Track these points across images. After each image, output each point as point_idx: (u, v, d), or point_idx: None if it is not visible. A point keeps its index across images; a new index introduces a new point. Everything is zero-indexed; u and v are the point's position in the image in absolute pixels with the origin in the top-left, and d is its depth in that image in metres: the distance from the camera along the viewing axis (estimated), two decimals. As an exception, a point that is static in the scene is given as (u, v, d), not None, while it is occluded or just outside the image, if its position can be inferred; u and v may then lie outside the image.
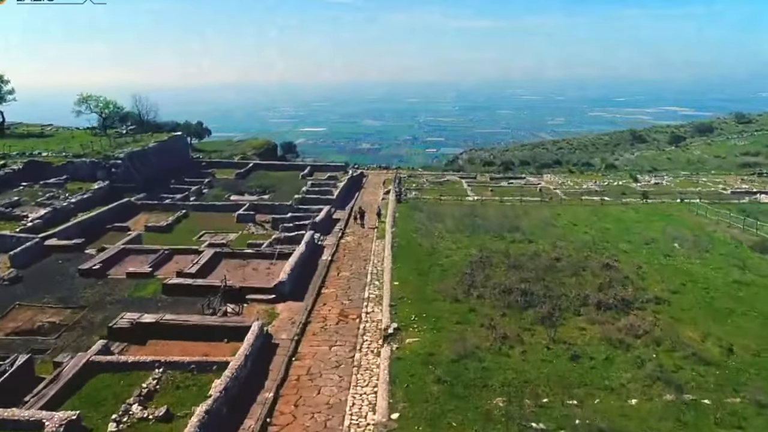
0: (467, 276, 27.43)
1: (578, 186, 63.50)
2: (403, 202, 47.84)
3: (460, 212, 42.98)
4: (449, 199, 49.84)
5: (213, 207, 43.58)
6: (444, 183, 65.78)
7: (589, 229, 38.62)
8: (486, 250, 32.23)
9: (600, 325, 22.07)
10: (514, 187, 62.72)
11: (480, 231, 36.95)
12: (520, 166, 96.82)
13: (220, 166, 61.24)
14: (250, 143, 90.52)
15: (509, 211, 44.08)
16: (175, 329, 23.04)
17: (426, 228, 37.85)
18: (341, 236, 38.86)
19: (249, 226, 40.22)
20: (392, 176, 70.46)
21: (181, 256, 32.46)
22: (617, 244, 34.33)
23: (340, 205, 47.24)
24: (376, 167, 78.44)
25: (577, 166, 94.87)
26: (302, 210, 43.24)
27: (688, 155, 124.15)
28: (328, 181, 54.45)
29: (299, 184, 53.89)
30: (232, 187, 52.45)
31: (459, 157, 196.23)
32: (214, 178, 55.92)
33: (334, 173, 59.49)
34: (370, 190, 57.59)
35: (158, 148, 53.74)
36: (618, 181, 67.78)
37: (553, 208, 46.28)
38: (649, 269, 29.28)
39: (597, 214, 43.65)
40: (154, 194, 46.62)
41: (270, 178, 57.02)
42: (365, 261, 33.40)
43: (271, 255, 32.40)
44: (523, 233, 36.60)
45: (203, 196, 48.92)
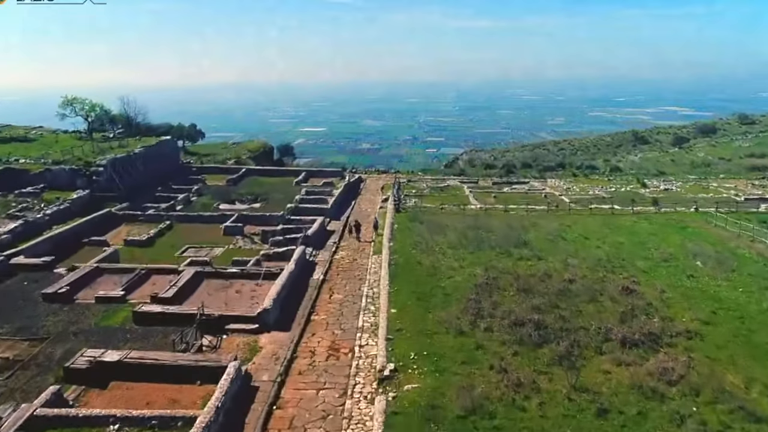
0: (472, 302, 24.44)
1: (585, 192, 60.52)
2: (402, 211, 44.86)
3: (463, 224, 39.97)
4: (451, 208, 46.84)
5: (199, 218, 40.58)
6: (445, 188, 62.80)
7: (602, 243, 35.61)
8: (492, 269, 29.24)
9: (627, 366, 19.09)
10: (518, 194, 59.75)
11: (485, 246, 33.95)
12: (522, 169, 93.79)
13: (212, 172, 58.25)
14: (246, 146, 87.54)
15: (515, 222, 41.08)
16: (141, 369, 20.08)
17: (426, 242, 34.87)
18: (335, 251, 35.87)
19: (236, 240, 37.22)
20: (391, 181, 67.56)
21: (158, 276, 29.47)
22: (634, 262, 31.33)
23: (336, 214, 44.26)
24: (375, 171, 75.45)
25: (581, 169, 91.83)
26: (294, 221, 40.25)
27: (692, 157, 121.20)
28: (323, 188, 51.44)
29: (293, 191, 50.89)
30: (222, 195, 49.45)
31: (459, 158, 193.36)
32: (204, 184, 52.93)
33: (331, 179, 56.47)
34: (368, 197, 54.61)
35: (145, 153, 50.69)
36: (626, 186, 64.78)
37: (561, 218, 43.26)
38: (673, 293, 26.28)
39: (608, 225, 40.64)
40: (138, 203, 43.62)
41: (263, 184, 54.02)
42: (360, 281, 30.40)
43: (257, 275, 29.42)
44: (531, 249, 33.60)
45: (191, 205, 45.93)
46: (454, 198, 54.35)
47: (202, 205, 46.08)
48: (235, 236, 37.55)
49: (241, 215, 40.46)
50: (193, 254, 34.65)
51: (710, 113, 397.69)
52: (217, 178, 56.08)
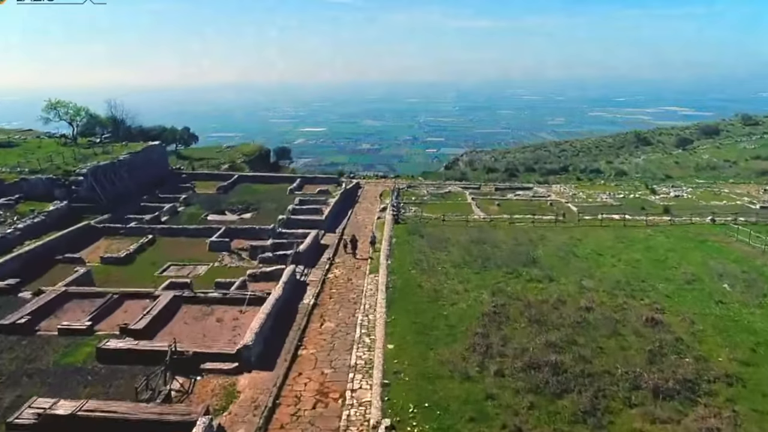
0: (480, 337, 21.55)
1: (592, 199, 57.60)
2: (401, 222, 41.94)
3: (467, 237, 37.07)
4: (453, 219, 43.90)
5: (184, 231, 37.64)
6: (446, 195, 59.91)
7: (617, 260, 32.68)
8: (500, 294, 26.33)
9: (663, 425, 16.19)
10: (522, 201, 56.84)
11: (491, 264, 31.03)
12: (524, 173, 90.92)
13: (202, 178, 55.35)
14: (241, 149, 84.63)
15: (522, 235, 38.16)
16: (97, 424, 17.20)
17: (427, 260, 31.96)
18: (329, 269, 32.94)
19: (222, 256, 34.28)
20: (390, 187, 64.65)
21: (132, 302, 26.55)
22: (654, 284, 28.40)
23: (331, 226, 41.32)
24: (374, 176, 72.52)
25: (585, 173, 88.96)
26: (286, 235, 37.31)
27: (697, 159, 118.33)
28: (318, 196, 48.49)
29: (287, 200, 47.97)
30: (211, 204, 46.50)
31: (459, 159, 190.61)
32: (193, 192, 50.02)
33: (326, 186, 53.53)
34: (365, 205, 51.66)
35: (130, 160, 47.75)
36: (634, 192, 61.87)
37: (570, 231, 40.33)
38: (703, 324, 23.36)
39: (622, 239, 37.71)
40: (120, 215, 40.70)
41: (255, 192, 51.09)
42: (355, 305, 27.48)
43: (241, 300, 26.50)
44: (541, 268, 30.68)
45: (177, 215, 43.00)
46: (455, 206, 51.45)
47: (189, 215, 43.16)
48: (222, 252, 34.59)
49: (229, 229, 37.51)
50: (174, 273, 31.76)
51: (710, 113, 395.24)
52: (207, 185, 53.15)
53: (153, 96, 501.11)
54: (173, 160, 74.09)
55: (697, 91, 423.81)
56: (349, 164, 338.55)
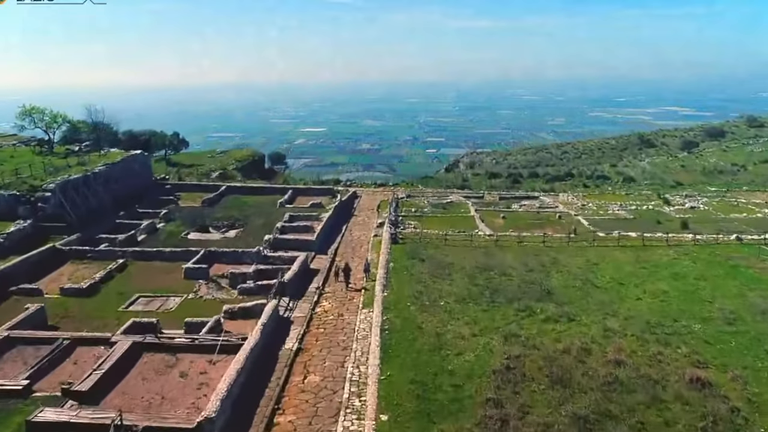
0: (492, 406, 17.60)
1: (603, 211, 53.59)
2: (400, 242, 37.93)
3: (472, 262, 33.10)
4: (456, 237, 39.91)
5: (159, 255, 33.65)
6: (447, 206, 55.91)
7: (642, 292, 28.69)
8: (513, 341, 22.35)
9: None
10: (529, 213, 52.85)
11: (500, 299, 27.04)
12: (528, 178, 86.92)
13: (188, 189, 51.39)
14: (233, 154, 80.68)
15: (532, 259, 34.16)
16: None
17: (428, 292, 27.99)
18: (317, 300, 28.98)
19: (199, 285, 30.30)
20: (389, 197, 60.73)
21: (85, 349, 22.63)
22: (690, 325, 24.42)
23: (322, 246, 37.34)
24: (372, 184, 68.59)
25: (592, 179, 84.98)
26: (272, 259, 33.37)
27: (703, 163, 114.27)
28: (310, 211, 44.47)
29: (276, 215, 43.99)
30: (194, 219, 42.55)
31: (460, 161, 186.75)
32: (176, 206, 46.09)
33: (320, 198, 49.51)
34: (362, 218, 47.69)
35: (107, 172, 43.76)
36: (646, 203, 57.81)
37: (585, 252, 36.31)
38: (759, 384, 19.37)
39: (643, 262, 33.69)
40: (91, 234, 36.76)
41: (243, 205, 47.11)
42: (345, 350, 23.52)
43: (212, 346, 22.56)
44: (557, 302, 26.71)
45: (156, 234, 39.04)
46: (458, 220, 47.49)
47: (168, 233, 39.20)
48: (198, 281, 30.62)
49: (208, 252, 33.51)
50: (142, 308, 27.83)
51: (711, 113, 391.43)
52: (193, 197, 49.20)
53: (154, 96, 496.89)
54: (162, 167, 70.21)
55: (698, 91, 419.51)
56: (349, 164, 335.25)
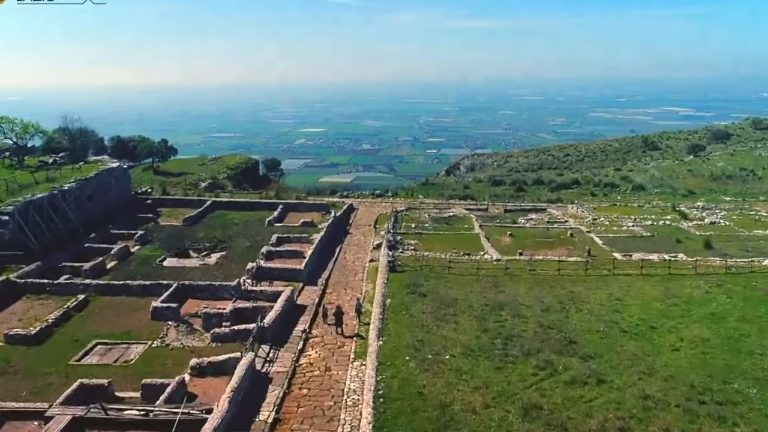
0: None
1: (617, 227, 49.43)
2: (398, 269, 33.70)
3: (480, 297, 28.92)
4: (460, 262, 35.73)
5: (126, 288, 29.44)
6: (450, 220, 51.80)
7: (679, 340, 24.45)
8: (534, 414, 18.18)
9: None
10: (537, 230, 48.68)
11: (514, 350, 22.85)
12: (533, 186, 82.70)
13: (171, 204, 47.19)
14: (226, 162, 76.42)
15: (548, 293, 29.96)
16: None
17: (430, 341, 23.79)
18: (302, 349, 24.81)
19: (168, 328, 26.12)
20: (387, 209, 56.62)
21: (15, 425, 18.49)
22: (744, 389, 20.22)
23: (312, 275, 33.12)
24: (369, 195, 64.39)
25: (599, 186, 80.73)
26: (253, 294, 29.18)
27: (711, 167, 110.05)
28: (301, 232, 40.19)
29: (263, 235, 39.80)
30: (174, 241, 38.42)
31: (461, 163, 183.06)
32: (155, 224, 41.93)
33: (312, 215, 45.28)
34: (357, 237, 43.49)
35: (79, 189, 39.55)
36: (661, 216, 53.61)
37: (606, 283, 32.06)
38: None
39: (674, 298, 29.45)
40: (54, 263, 32.57)
41: (228, 223, 42.91)
42: (331, 423, 19.34)
43: (168, 423, 18.39)
44: (582, 356, 22.52)
45: (128, 260, 34.83)
46: (462, 239, 43.35)
47: (142, 260, 34.99)
48: (168, 323, 26.46)
49: (182, 286, 29.31)
50: (98, 358, 23.66)
51: (711, 113, 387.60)
52: (175, 213, 45.02)
53: (154, 96, 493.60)
54: (148, 176, 66.06)
55: (698, 91, 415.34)
56: (349, 165, 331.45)
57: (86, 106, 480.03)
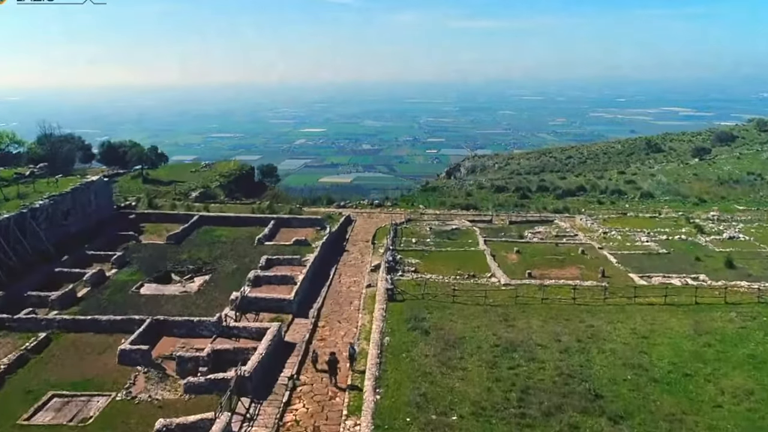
0: None
1: (630, 243, 46.09)
2: (397, 298, 30.36)
3: (489, 335, 25.59)
4: (466, 288, 32.40)
5: (94, 324, 26.08)
6: (453, 234, 48.52)
7: (719, 392, 21.07)
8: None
9: None
10: (546, 245, 45.32)
11: (531, 408, 19.51)
12: (537, 192, 79.42)
13: (156, 219, 43.87)
14: (219, 168, 73.16)
15: (564, 329, 26.59)
16: None
17: (434, 393, 20.49)
18: (288, 401, 21.52)
19: (137, 375, 22.81)
20: (387, 221, 53.40)
21: None
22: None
23: (302, 305, 29.80)
24: (368, 204, 61.03)
25: (606, 193, 77.42)
26: (235, 331, 25.87)
27: (717, 171, 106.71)
28: (293, 253, 36.78)
29: (252, 255, 36.46)
30: (155, 263, 35.12)
31: (461, 165, 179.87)
32: (136, 243, 38.60)
33: (306, 232, 41.96)
34: (354, 255, 40.18)
35: (53, 206, 36.21)
36: (677, 231, 50.18)
37: (628, 314, 28.67)
38: None
39: (705, 334, 26.08)
40: (18, 292, 29.27)
41: (216, 241, 39.57)
42: (317, 507, 16.10)
43: None
44: (611, 416, 19.18)
45: (102, 287, 31.51)
46: (466, 257, 40.06)
47: (117, 286, 31.66)
48: (137, 368, 23.14)
49: (156, 322, 25.98)
50: (53, 415, 20.38)
51: (711, 113, 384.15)
52: (159, 230, 41.71)
53: (155, 96, 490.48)
54: (137, 184, 62.84)
55: (698, 91, 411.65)
56: (349, 165, 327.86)
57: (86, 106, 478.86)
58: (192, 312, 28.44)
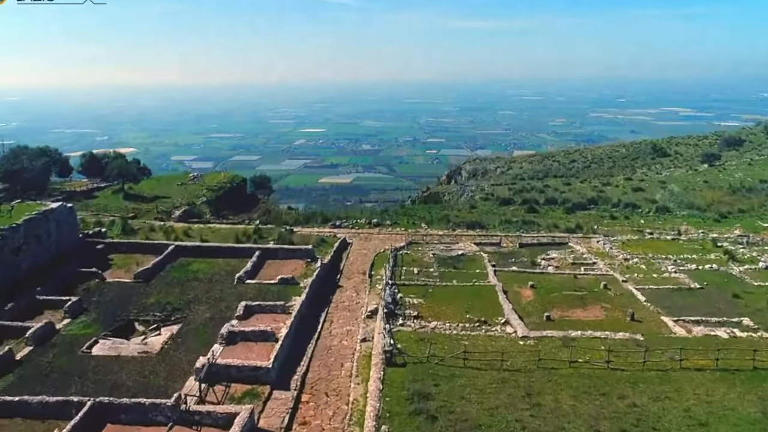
0: None
1: (656, 273, 40.89)
2: (395, 360, 25.12)
3: (511, 422, 20.40)
4: (478, 342, 27.20)
5: (22, 407, 20.84)
6: (458, 261, 43.35)
7: None
8: None
9: None
10: (564, 277, 40.03)
11: None
12: (545, 206, 74.18)
13: (127, 249, 38.58)
14: (208, 180, 67.87)
15: (600, 405, 21.37)
16: None
17: None
18: None
19: (64, 488, 17.63)
20: (386, 241, 48.39)
21: None
22: None
23: (284, 370, 24.52)
24: (366, 223, 55.74)
25: (618, 208, 72.16)
26: (197, 418, 20.61)
27: (728, 178, 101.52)
28: (277, 297, 31.35)
29: (230, 299, 31.17)
30: (117, 308, 29.88)
31: (462, 168, 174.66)
32: (101, 281, 33.29)
33: (294, 267, 36.65)
34: (348, 294, 34.88)
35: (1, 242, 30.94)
36: (706, 258, 44.90)
37: (674, 385, 23.49)
38: None
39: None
40: (-58, 356, 24.03)
41: (189, 280, 34.21)
42: None
43: None
44: None
45: (50, 343, 26.23)
46: (475, 294, 34.85)
47: (67, 344, 26.36)
48: (65, 477, 17.92)
49: (98, 404, 20.71)
50: None
51: (712, 114, 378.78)
52: (130, 262, 36.44)
53: (154, 96, 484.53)
54: (117, 200, 57.60)
55: (698, 91, 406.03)
56: (349, 165, 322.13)
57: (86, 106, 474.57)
58: (149, 382, 23.24)
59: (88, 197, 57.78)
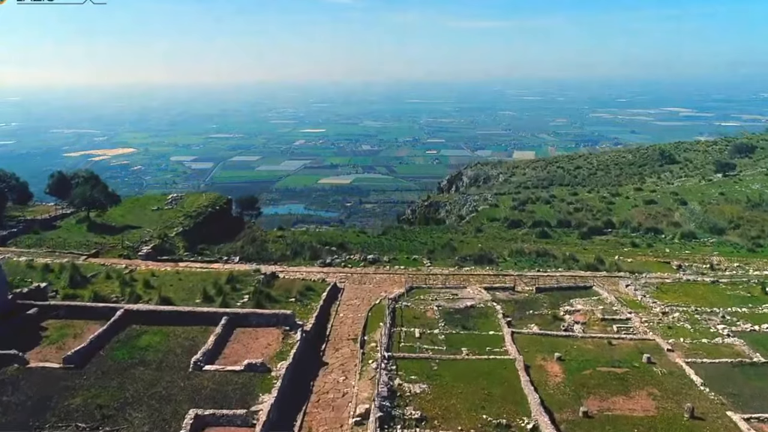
0: None
1: (706, 338, 33.38)
2: None
3: None
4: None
5: None
6: (468, 317, 35.92)
7: None
8: None
9: None
10: (597, 343, 32.45)
11: None
12: (558, 229, 66.73)
13: (66, 314, 30.93)
14: (189, 203, 60.36)
15: None
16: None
17: None
18: None
19: None
20: (382, 285, 41.17)
21: None
22: None
23: None
24: (361, 262, 48.22)
25: (639, 233, 64.68)
26: None
27: (745, 190, 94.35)
28: (241, 394, 23.86)
29: (179, 397, 23.63)
30: (30, 415, 22.41)
31: (463, 174, 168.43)
32: (19, 368, 25.78)
33: (267, 342, 29.05)
34: (333, 378, 27.46)
35: None
36: (761, 314, 37.42)
37: None
38: None
39: None
40: None
41: (135, 361, 26.63)
42: None
43: None
44: None
45: None
46: (491, 375, 27.34)
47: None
48: None
49: None
50: None
51: (712, 114, 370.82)
52: (68, 333, 28.97)
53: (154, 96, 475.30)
54: (81, 231, 50.15)
55: (698, 91, 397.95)
56: (349, 166, 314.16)
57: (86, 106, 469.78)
58: None
59: (48, 227, 50.34)
